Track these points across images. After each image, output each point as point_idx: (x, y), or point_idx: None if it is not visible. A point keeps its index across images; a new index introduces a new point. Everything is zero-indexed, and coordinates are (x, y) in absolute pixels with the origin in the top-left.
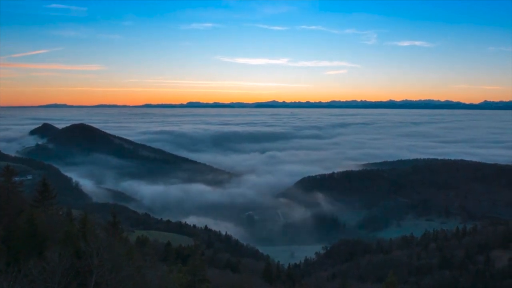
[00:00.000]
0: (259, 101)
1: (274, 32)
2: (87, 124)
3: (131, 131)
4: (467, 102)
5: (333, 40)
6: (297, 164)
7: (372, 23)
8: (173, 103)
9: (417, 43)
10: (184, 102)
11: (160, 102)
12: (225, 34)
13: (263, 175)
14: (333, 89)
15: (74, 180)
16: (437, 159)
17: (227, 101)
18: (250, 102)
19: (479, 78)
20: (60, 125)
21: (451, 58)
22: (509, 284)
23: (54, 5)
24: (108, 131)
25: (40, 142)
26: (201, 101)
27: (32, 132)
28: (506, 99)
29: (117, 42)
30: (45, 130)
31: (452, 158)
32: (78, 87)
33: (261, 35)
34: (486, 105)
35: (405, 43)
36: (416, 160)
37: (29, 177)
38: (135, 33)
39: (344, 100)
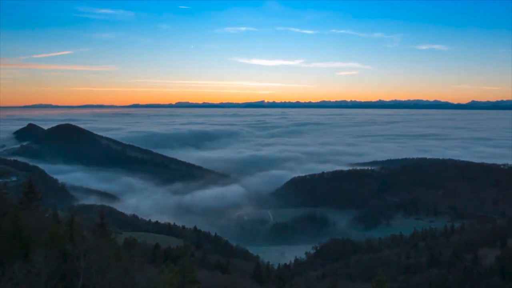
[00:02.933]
0: (249, 101)
1: (304, 35)
2: (73, 124)
3: (118, 131)
4: (455, 102)
5: (356, 43)
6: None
7: (400, 27)
8: (161, 103)
9: (436, 46)
10: (173, 102)
11: (149, 102)
12: (254, 37)
13: (252, 175)
14: (333, 89)
15: (60, 182)
16: (425, 159)
17: (217, 101)
18: (240, 102)
19: (467, 78)
20: (45, 126)
21: (445, 60)
22: (496, 281)
23: (104, 10)
24: (94, 132)
25: (24, 143)
26: (190, 101)
27: (16, 133)
28: (493, 99)
29: (142, 45)
30: (30, 130)
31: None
32: (78, 87)
33: (290, 38)
34: (474, 105)
35: (423, 47)
36: (405, 159)
37: (14, 178)
38: (168, 37)
39: (334, 100)
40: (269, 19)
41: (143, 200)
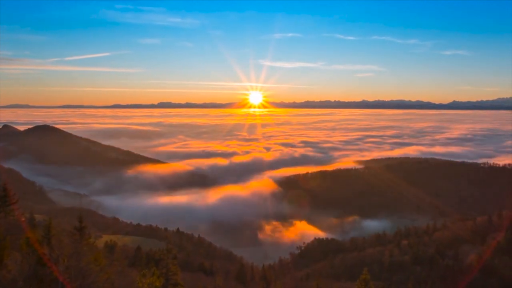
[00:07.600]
0: (231, 102)
1: (345, 41)
2: (51, 125)
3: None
4: (436, 102)
5: (387, 48)
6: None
7: (432, 34)
8: (143, 103)
9: (460, 52)
10: (155, 102)
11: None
12: (294, 42)
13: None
14: (331, 90)
15: (37, 184)
16: (408, 158)
17: (200, 101)
18: (224, 102)
19: (449, 79)
20: (21, 127)
21: (442, 61)
22: (476, 278)
23: (175, 19)
24: (74, 133)
25: (0, 145)
26: (172, 101)
27: None
28: (473, 99)
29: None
30: (5, 132)
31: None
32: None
33: (328, 43)
34: (455, 105)
35: (447, 52)
36: (389, 158)
37: None
38: (212, 43)
39: (318, 100)
40: (319, 26)
41: (123, 201)
